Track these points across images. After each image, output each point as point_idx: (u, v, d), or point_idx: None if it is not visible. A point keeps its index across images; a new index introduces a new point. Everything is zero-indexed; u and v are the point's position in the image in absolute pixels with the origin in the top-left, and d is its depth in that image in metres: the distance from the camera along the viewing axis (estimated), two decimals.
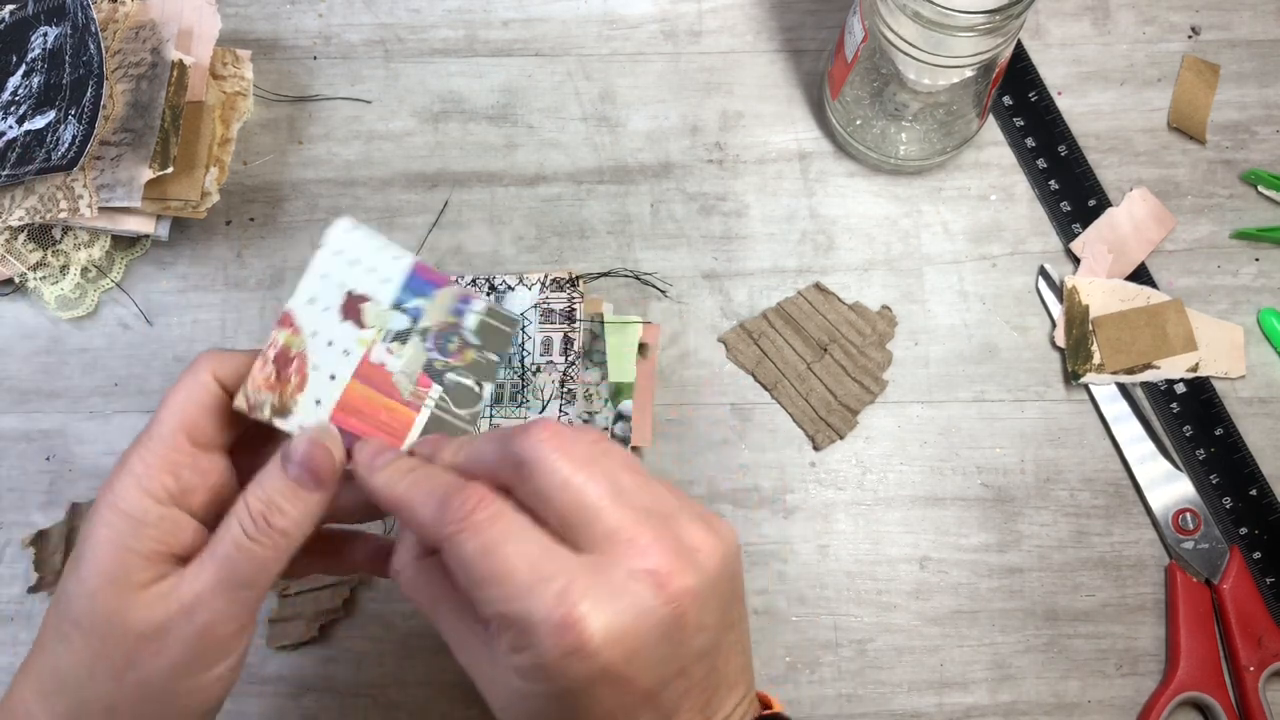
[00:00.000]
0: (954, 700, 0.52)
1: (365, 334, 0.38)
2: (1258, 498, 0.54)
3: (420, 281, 0.39)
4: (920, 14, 0.47)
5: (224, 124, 0.57)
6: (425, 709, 0.52)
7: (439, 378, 0.39)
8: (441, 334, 0.39)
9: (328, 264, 0.38)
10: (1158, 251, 0.57)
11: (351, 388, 0.38)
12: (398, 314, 0.38)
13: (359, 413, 0.37)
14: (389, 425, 0.38)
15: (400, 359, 0.38)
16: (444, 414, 0.39)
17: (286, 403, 0.37)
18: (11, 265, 0.55)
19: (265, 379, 0.37)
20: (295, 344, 0.37)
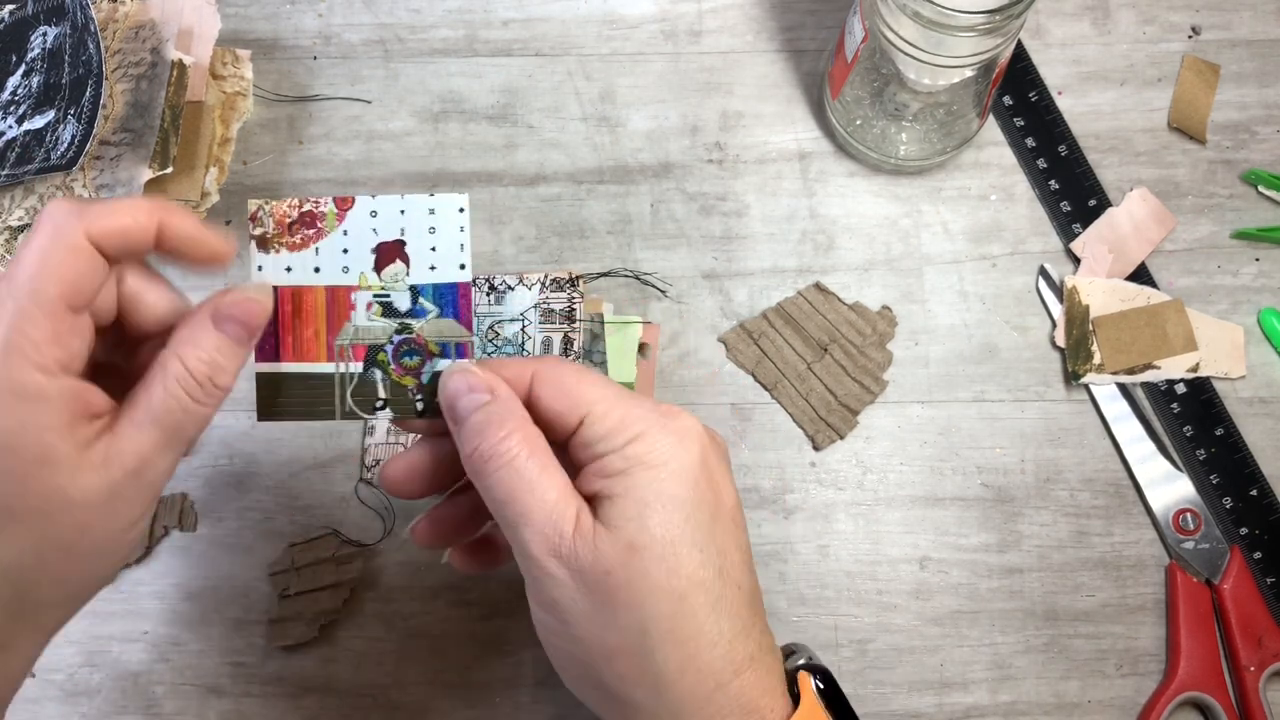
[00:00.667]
0: (954, 700, 0.52)
1: (373, 276, 0.38)
2: (1258, 498, 0.54)
3: (452, 299, 0.38)
4: (920, 14, 0.47)
5: (224, 124, 0.57)
6: (426, 709, 0.52)
7: (369, 365, 0.38)
8: (413, 347, 0.38)
9: (418, 206, 0.37)
10: (1158, 251, 0.57)
11: (316, 292, 0.38)
12: (408, 294, 0.38)
13: (299, 311, 0.38)
14: (299, 346, 0.38)
15: (369, 321, 0.38)
16: (343, 391, 0.38)
17: (275, 245, 0.37)
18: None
19: (283, 216, 0.37)
20: (329, 224, 0.37)
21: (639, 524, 0.34)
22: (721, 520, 0.36)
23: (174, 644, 0.53)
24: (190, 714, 0.52)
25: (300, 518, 0.54)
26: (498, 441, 0.35)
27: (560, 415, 0.36)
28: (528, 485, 0.35)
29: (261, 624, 0.53)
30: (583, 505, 0.35)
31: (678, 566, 0.35)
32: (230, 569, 0.53)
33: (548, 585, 0.35)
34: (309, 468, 0.55)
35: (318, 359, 0.38)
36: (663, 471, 0.35)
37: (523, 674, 0.52)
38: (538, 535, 0.34)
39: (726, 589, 0.36)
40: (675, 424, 0.36)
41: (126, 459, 0.34)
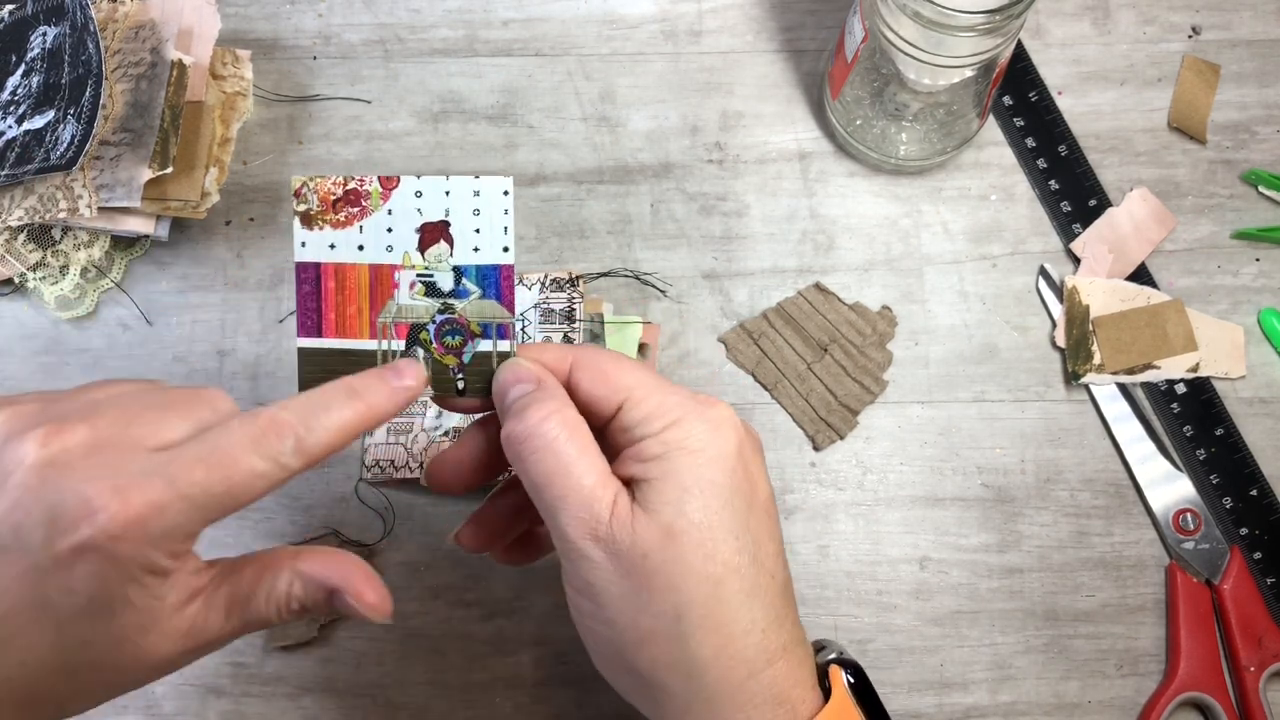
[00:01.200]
0: (954, 701, 0.52)
1: (417, 256, 0.38)
2: (1258, 498, 0.54)
3: (494, 280, 0.39)
4: (920, 14, 0.47)
5: (224, 124, 0.57)
6: (426, 709, 0.52)
7: (412, 343, 0.39)
8: (455, 327, 0.39)
9: (463, 187, 0.38)
10: (1158, 252, 0.57)
11: (359, 270, 0.38)
12: (451, 275, 0.38)
13: (342, 288, 0.38)
14: (342, 322, 0.38)
15: (411, 300, 0.38)
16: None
17: (319, 222, 0.38)
18: (11, 265, 0.55)
19: (327, 193, 0.38)
20: (374, 203, 0.38)
21: (677, 508, 0.35)
22: (756, 510, 0.36)
23: None
24: (190, 714, 0.52)
25: (300, 518, 0.54)
26: (538, 423, 0.35)
27: (599, 400, 0.37)
28: (565, 468, 0.35)
29: None
30: (621, 489, 0.35)
31: (714, 552, 0.35)
32: None
33: (584, 568, 0.35)
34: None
35: (360, 336, 0.38)
36: (701, 457, 0.35)
37: (523, 674, 0.52)
38: (575, 518, 0.35)
39: (761, 577, 0.36)
40: (712, 412, 0.37)
41: (207, 637, 0.35)
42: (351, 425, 0.35)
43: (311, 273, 0.38)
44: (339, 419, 0.35)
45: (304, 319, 0.38)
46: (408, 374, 0.37)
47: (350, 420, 0.35)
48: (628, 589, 0.35)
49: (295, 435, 0.34)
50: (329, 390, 0.35)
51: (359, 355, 0.38)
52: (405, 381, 0.37)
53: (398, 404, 0.36)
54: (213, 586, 0.35)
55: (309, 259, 0.38)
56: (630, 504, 0.35)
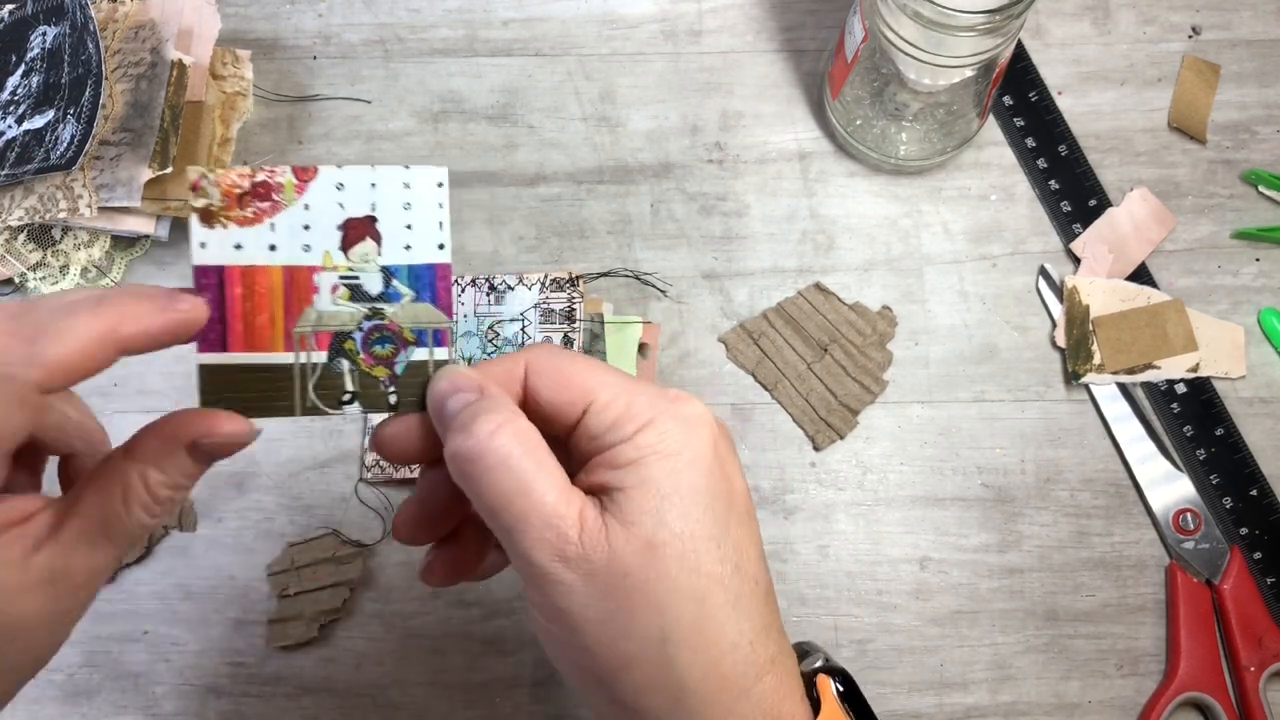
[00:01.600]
0: (954, 701, 0.52)
1: (340, 256, 0.34)
2: (1258, 498, 0.54)
3: (429, 281, 0.35)
4: (921, 14, 0.47)
5: (224, 124, 0.57)
6: (425, 710, 0.52)
7: (335, 354, 0.34)
8: (385, 335, 0.35)
9: (391, 178, 0.34)
10: (1158, 251, 0.57)
11: (271, 273, 0.34)
12: (380, 276, 0.34)
13: (251, 295, 0.33)
14: (251, 334, 0.34)
15: (333, 306, 0.34)
16: (304, 384, 0.34)
17: (221, 219, 0.33)
18: (11, 265, 0.55)
19: (231, 185, 0.33)
20: (288, 196, 0.34)
21: (657, 518, 0.32)
22: (736, 511, 0.34)
23: (174, 644, 0.53)
24: (190, 714, 0.52)
25: (300, 518, 0.54)
26: (487, 437, 0.31)
27: (561, 407, 0.34)
28: (524, 486, 0.31)
29: (261, 624, 0.53)
30: (585, 501, 0.32)
31: (698, 564, 0.32)
32: (230, 569, 0.53)
33: (555, 593, 0.32)
34: (309, 468, 0.54)
35: (273, 348, 0.34)
36: (678, 460, 0.33)
37: (522, 674, 0.52)
38: (540, 540, 0.31)
39: (745, 585, 0.33)
40: (685, 409, 0.34)
41: (77, 577, 0.32)
42: (97, 334, 0.30)
43: (213, 277, 0.33)
44: (82, 325, 0.30)
45: (205, 331, 0.33)
46: (181, 300, 0.32)
47: (95, 328, 0.30)
48: (606, 612, 0.32)
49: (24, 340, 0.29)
50: (73, 294, 0.31)
51: (272, 371, 0.34)
52: (179, 305, 0.32)
53: (165, 323, 0.31)
54: (55, 525, 0.32)
55: (209, 262, 0.33)
56: (599, 517, 0.32)
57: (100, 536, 0.32)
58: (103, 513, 0.32)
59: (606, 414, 0.33)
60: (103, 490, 0.32)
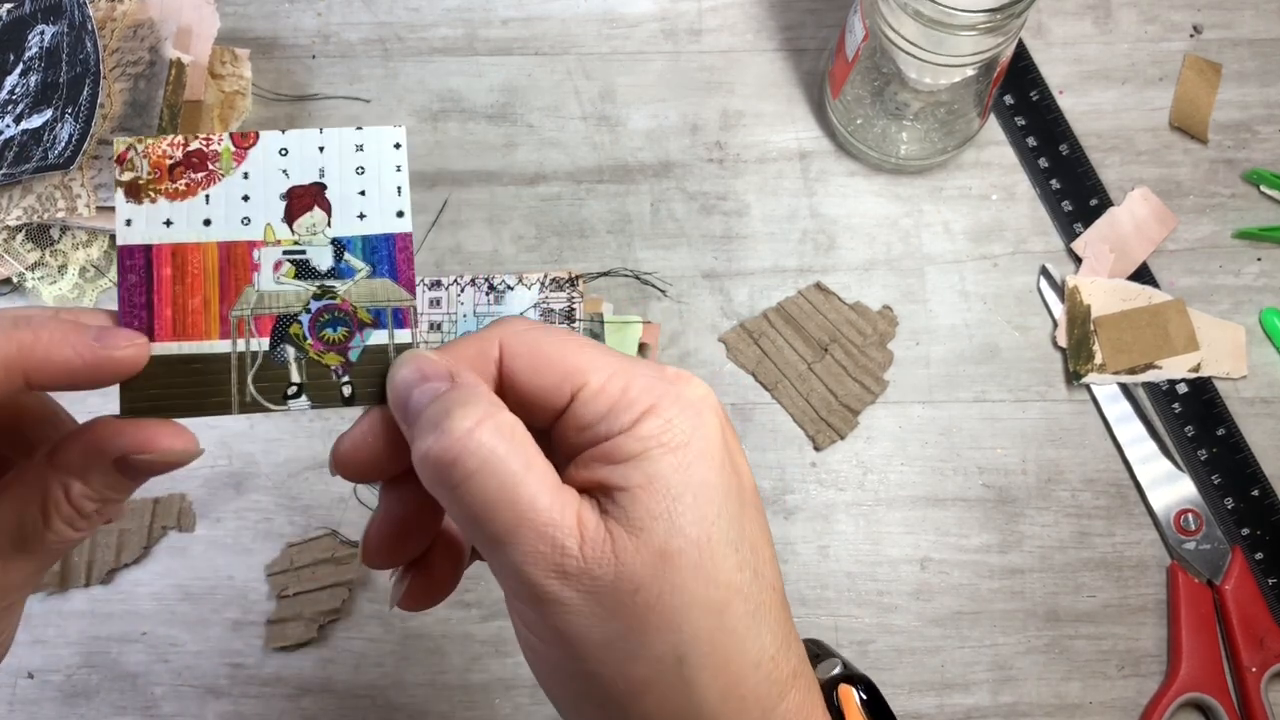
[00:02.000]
0: (955, 701, 0.52)
1: (284, 229, 0.30)
2: (1260, 498, 0.54)
3: (387, 253, 0.31)
4: (921, 13, 0.46)
5: (222, 123, 0.57)
6: (424, 711, 0.52)
7: (279, 340, 0.30)
8: (337, 316, 0.30)
9: (341, 141, 0.31)
10: (1159, 251, 0.57)
11: (205, 250, 0.30)
12: (330, 249, 0.30)
13: (182, 276, 0.30)
14: (182, 320, 0.30)
15: (276, 285, 0.30)
16: (242, 376, 0.30)
17: (149, 193, 0.30)
18: (9, 265, 0.54)
19: (162, 155, 0.30)
20: (225, 165, 0.30)
21: (669, 523, 0.27)
22: (748, 508, 0.30)
23: (172, 645, 0.52)
24: (189, 715, 0.52)
25: (299, 518, 0.54)
26: (465, 435, 0.27)
27: (544, 393, 0.29)
28: (512, 491, 0.27)
29: (260, 625, 0.52)
30: (583, 503, 0.28)
31: (715, 573, 0.28)
32: (229, 569, 0.53)
33: (552, 614, 0.27)
34: (307, 468, 0.54)
35: (207, 336, 0.30)
36: (688, 453, 0.28)
37: (522, 675, 0.52)
38: (533, 553, 0.27)
39: (764, 593, 0.29)
40: (689, 391, 0.29)
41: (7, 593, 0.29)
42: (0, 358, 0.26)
43: (140, 258, 0.30)
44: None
45: (129, 319, 0.29)
46: (119, 337, 0.28)
47: (1, 350, 0.26)
48: (613, 633, 0.27)
49: None
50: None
51: (207, 362, 0.30)
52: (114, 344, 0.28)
53: (90, 361, 0.27)
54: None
55: (136, 241, 0.30)
56: (600, 522, 0.27)
57: (15, 549, 0.29)
58: (18, 524, 0.29)
59: (599, 400, 0.29)
60: (19, 498, 0.29)
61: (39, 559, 0.29)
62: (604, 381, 0.29)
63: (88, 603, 0.53)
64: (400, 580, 0.33)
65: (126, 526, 0.53)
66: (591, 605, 0.27)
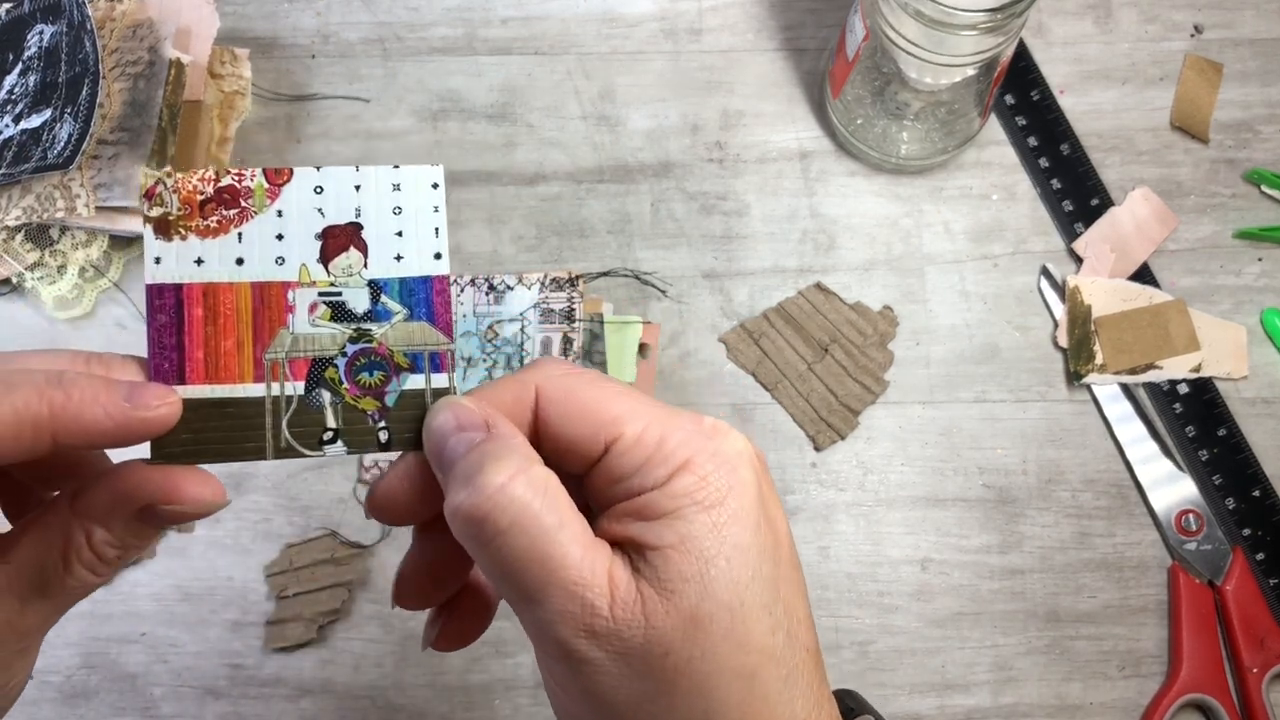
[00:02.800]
0: (956, 702, 0.52)
1: (319, 270, 0.30)
2: (1261, 499, 0.54)
3: (424, 296, 0.30)
4: (922, 12, 0.46)
5: (222, 123, 0.57)
6: (424, 711, 0.52)
7: (314, 384, 0.30)
8: (373, 360, 0.30)
9: (378, 180, 0.30)
10: (1160, 251, 0.57)
11: (238, 290, 0.29)
12: (366, 291, 0.30)
13: (214, 317, 0.29)
14: (214, 363, 0.29)
15: (312, 328, 0.30)
16: (276, 421, 0.29)
17: (179, 229, 0.29)
18: (9, 265, 0.54)
19: (193, 190, 0.29)
20: (258, 202, 0.30)
21: (701, 586, 0.27)
22: (783, 566, 0.29)
23: (172, 645, 0.52)
24: (188, 716, 0.52)
25: (298, 519, 0.54)
26: (498, 490, 0.27)
27: (579, 441, 0.29)
28: (544, 549, 0.27)
29: (259, 625, 0.52)
30: (615, 560, 0.28)
31: (747, 639, 0.27)
32: (228, 570, 0.53)
33: (581, 673, 0.27)
34: (307, 469, 0.54)
35: (240, 379, 0.29)
36: (722, 513, 0.28)
37: (522, 676, 0.52)
38: (562, 613, 0.27)
39: (796, 656, 0.29)
40: (725, 446, 0.29)
41: (3, 635, 0.28)
42: (30, 416, 0.26)
43: (170, 297, 0.29)
44: (19, 401, 0.26)
45: (158, 360, 0.29)
46: (150, 394, 0.27)
47: (32, 409, 0.26)
48: (641, 694, 0.27)
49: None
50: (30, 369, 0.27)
51: (240, 406, 0.29)
52: (145, 403, 0.27)
53: (121, 423, 0.27)
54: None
55: (166, 279, 0.29)
56: (631, 580, 0.27)
57: (33, 593, 0.28)
58: (38, 567, 0.28)
59: (634, 453, 0.28)
60: (40, 541, 0.28)
61: (57, 602, 0.29)
62: (639, 433, 0.28)
63: (87, 603, 0.52)
64: (433, 623, 0.33)
65: None
66: (620, 666, 0.27)
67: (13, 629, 0.29)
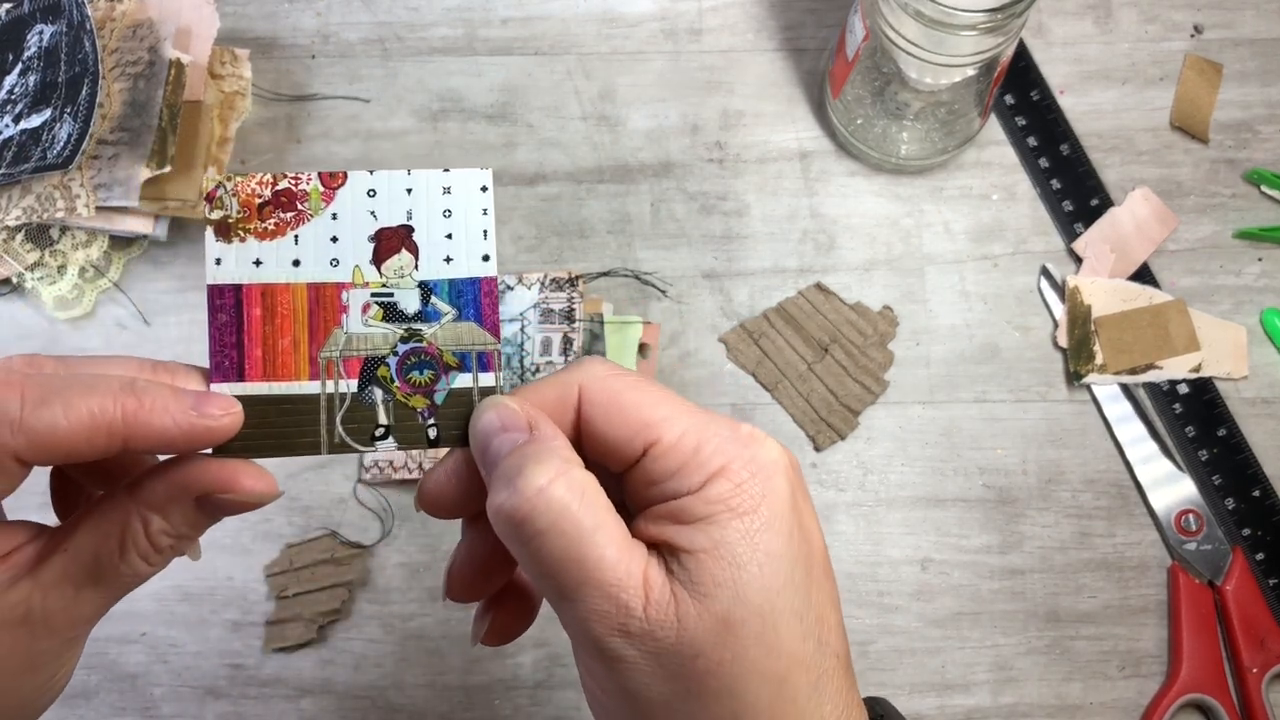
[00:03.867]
0: (956, 702, 0.52)
1: (372, 271, 0.31)
2: (1260, 499, 0.54)
3: (473, 297, 0.31)
4: (922, 13, 0.46)
5: (222, 123, 0.57)
6: (424, 711, 0.52)
7: (367, 382, 0.31)
8: (423, 359, 0.31)
9: (429, 183, 0.31)
10: (1160, 251, 0.57)
11: (295, 291, 0.31)
12: (417, 292, 0.31)
13: (272, 316, 0.30)
14: (272, 361, 0.30)
15: (365, 327, 0.31)
16: (330, 417, 0.31)
17: (239, 232, 0.30)
18: (9, 265, 0.54)
19: (251, 194, 0.31)
20: (313, 205, 0.31)
21: (733, 592, 0.28)
22: (815, 573, 0.30)
23: (171, 645, 0.52)
24: (188, 716, 0.52)
25: (298, 519, 0.54)
26: (537, 493, 0.27)
27: (619, 443, 0.30)
28: (580, 551, 0.27)
29: (259, 625, 0.52)
30: (650, 561, 0.28)
31: (777, 644, 0.28)
32: (228, 570, 0.53)
33: (615, 671, 0.28)
34: (307, 468, 0.54)
35: (297, 377, 0.31)
36: (755, 520, 0.28)
37: (522, 676, 0.52)
38: (597, 612, 0.28)
39: (826, 662, 0.30)
40: (761, 453, 0.29)
41: (55, 619, 0.29)
42: (105, 420, 0.27)
43: (230, 298, 0.30)
44: (95, 405, 0.27)
45: (219, 358, 0.30)
46: (215, 405, 0.29)
47: (108, 414, 0.27)
48: (673, 694, 0.28)
49: (20, 401, 0.27)
50: (107, 375, 0.28)
51: (296, 402, 0.30)
52: (210, 413, 0.29)
53: (185, 430, 0.28)
54: (38, 560, 0.29)
55: (226, 280, 0.30)
56: (666, 581, 0.28)
57: (87, 580, 0.29)
58: (94, 555, 0.29)
59: (671, 457, 0.29)
60: (97, 530, 0.29)
61: (110, 591, 0.30)
62: (677, 438, 0.29)
63: None
64: (481, 618, 0.34)
65: None
66: (653, 665, 0.28)
67: (66, 616, 0.30)
